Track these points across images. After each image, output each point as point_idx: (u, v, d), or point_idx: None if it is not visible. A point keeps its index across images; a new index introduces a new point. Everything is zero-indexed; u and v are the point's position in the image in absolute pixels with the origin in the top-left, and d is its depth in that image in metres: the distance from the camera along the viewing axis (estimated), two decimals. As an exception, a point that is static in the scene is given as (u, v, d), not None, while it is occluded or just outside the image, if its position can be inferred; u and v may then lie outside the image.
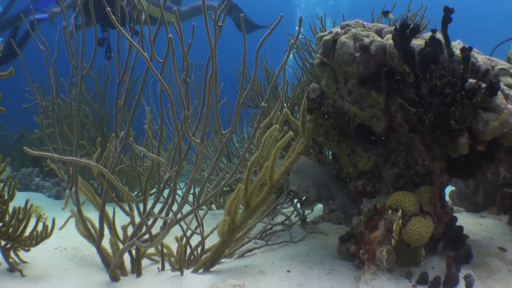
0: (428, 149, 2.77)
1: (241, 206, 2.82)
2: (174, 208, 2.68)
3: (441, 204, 2.80)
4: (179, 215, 2.65)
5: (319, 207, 4.85)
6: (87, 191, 2.96)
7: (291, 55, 5.01)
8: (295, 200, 4.55)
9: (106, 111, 6.72)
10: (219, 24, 2.31)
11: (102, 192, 2.83)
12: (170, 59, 2.26)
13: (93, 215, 3.06)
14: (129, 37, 2.25)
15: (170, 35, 2.23)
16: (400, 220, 2.73)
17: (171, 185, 2.58)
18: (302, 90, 4.41)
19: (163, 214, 2.67)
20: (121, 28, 2.29)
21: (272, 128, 2.80)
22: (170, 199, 2.65)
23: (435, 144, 2.71)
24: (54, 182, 7.26)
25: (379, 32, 3.00)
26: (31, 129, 8.84)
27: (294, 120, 3.20)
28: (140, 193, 5.35)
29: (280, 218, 4.41)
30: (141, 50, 2.22)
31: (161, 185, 2.79)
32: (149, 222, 2.72)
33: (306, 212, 4.55)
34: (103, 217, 2.80)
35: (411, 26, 2.60)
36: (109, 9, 2.19)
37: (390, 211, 2.81)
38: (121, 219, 3.20)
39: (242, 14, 2.55)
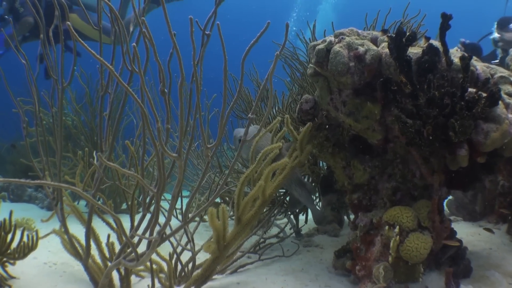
0: (426, 162, 2.68)
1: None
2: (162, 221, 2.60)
3: (440, 219, 2.72)
4: (167, 230, 2.55)
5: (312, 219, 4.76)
6: (73, 209, 2.88)
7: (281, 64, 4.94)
8: (289, 212, 4.45)
9: (96, 120, 6.65)
10: (207, 32, 2.24)
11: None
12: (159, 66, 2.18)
13: (81, 228, 2.97)
14: (99, 59, 2.15)
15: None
16: (398, 236, 2.64)
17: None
18: (294, 100, 4.30)
19: (148, 232, 2.57)
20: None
21: (272, 146, 2.70)
22: (154, 218, 2.56)
23: (433, 156, 2.62)
24: (47, 194, 7.13)
25: (374, 40, 2.91)
26: (22, 139, 8.79)
27: (291, 130, 3.09)
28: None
29: (274, 230, 4.31)
30: (111, 67, 2.12)
31: (147, 202, 2.71)
32: (137, 238, 2.62)
33: (301, 224, 4.45)
34: (89, 235, 2.72)
35: (407, 34, 2.50)
36: (69, 23, 2.10)
37: (387, 227, 2.72)
38: (112, 234, 3.12)
39: None
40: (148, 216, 2.67)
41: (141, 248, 2.64)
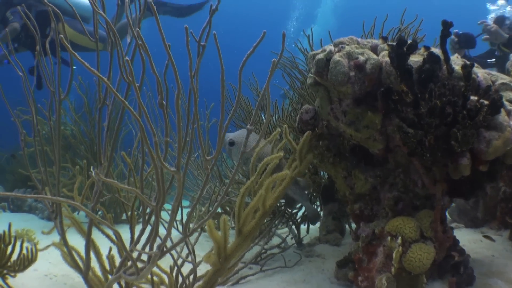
0: (428, 171, 2.66)
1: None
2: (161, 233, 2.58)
3: (442, 229, 2.70)
4: (168, 243, 2.53)
5: (315, 228, 4.73)
6: (73, 221, 2.86)
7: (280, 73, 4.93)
8: (290, 222, 4.43)
9: (96, 131, 6.66)
10: (202, 43, 2.21)
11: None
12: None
13: (81, 239, 2.95)
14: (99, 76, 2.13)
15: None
16: (400, 247, 2.62)
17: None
18: (294, 109, 4.29)
19: (148, 246, 2.55)
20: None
21: (272, 157, 2.68)
22: (153, 233, 2.53)
23: (435, 166, 2.60)
24: (46, 206, 7.12)
25: (374, 49, 2.90)
26: (22, 149, 8.79)
27: (290, 141, 3.08)
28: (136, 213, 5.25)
29: (275, 240, 4.29)
30: (107, 82, 2.10)
31: (147, 214, 2.69)
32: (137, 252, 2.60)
33: (302, 234, 4.43)
34: (89, 248, 2.69)
35: (409, 42, 2.49)
36: (62, 36, 2.08)
37: (389, 238, 2.70)
38: (113, 246, 3.10)
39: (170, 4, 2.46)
40: (148, 228, 2.65)
41: (142, 259, 2.63)
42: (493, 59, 5.93)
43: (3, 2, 7.40)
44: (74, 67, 2.63)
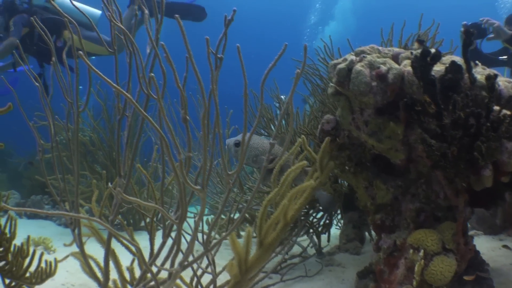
0: (450, 182, 2.63)
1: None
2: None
3: (464, 241, 2.69)
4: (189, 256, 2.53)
5: (335, 234, 4.72)
6: (93, 231, 2.86)
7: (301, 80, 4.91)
8: (311, 231, 4.42)
9: (115, 138, 6.68)
10: (219, 56, 2.19)
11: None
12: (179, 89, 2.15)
13: (100, 247, 2.95)
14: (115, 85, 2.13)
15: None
16: (422, 260, 2.61)
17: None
18: (314, 117, 4.28)
19: (169, 262, 2.54)
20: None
21: (293, 168, 2.67)
22: (175, 249, 2.53)
23: (457, 177, 2.58)
24: (64, 211, 7.11)
25: (396, 57, 2.89)
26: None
27: (309, 150, 3.07)
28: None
29: (295, 249, 4.29)
30: (129, 96, 2.09)
31: (166, 224, 2.69)
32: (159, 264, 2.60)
33: (323, 243, 4.42)
34: (107, 260, 2.68)
35: (432, 53, 2.48)
36: (81, 52, 2.09)
37: (411, 251, 2.70)
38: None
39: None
40: (168, 239, 2.65)
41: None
42: (505, 56, 5.84)
43: (7, 9, 7.44)
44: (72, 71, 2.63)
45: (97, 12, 7.74)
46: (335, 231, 4.75)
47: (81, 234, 2.74)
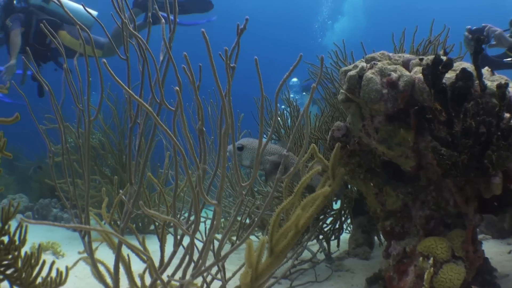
0: (460, 190, 2.65)
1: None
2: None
3: (473, 249, 2.71)
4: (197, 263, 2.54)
5: (344, 239, 4.73)
6: (105, 237, 2.87)
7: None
8: (321, 237, 4.43)
9: (125, 142, 6.69)
10: (232, 65, 2.18)
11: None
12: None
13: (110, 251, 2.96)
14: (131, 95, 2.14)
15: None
16: (432, 268, 2.62)
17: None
18: (325, 122, 4.28)
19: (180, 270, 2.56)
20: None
21: (307, 176, 2.68)
22: (187, 260, 2.54)
23: (467, 185, 2.59)
24: (73, 215, 7.12)
25: (406, 64, 2.91)
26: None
27: (321, 158, 3.08)
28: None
29: (305, 254, 4.29)
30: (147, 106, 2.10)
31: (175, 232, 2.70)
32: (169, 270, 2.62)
33: (332, 248, 4.44)
34: (117, 268, 2.69)
35: (444, 61, 2.48)
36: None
37: (421, 258, 2.71)
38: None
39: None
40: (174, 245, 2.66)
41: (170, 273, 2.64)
42: (510, 59, 5.79)
43: (3, 9, 7.52)
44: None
45: (93, 12, 7.81)
46: (344, 235, 4.75)
47: (91, 242, 2.74)
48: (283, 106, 5.45)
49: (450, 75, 2.61)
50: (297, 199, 2.69)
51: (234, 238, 5.26)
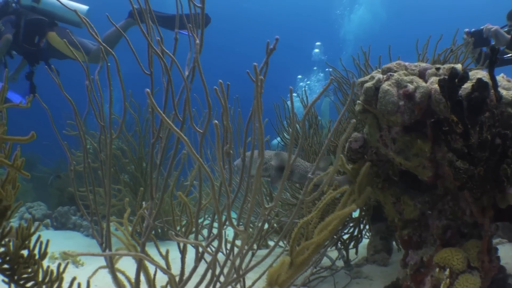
0: (477, 200, 2.68)
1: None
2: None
3: (488, 259, 2.74)
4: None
5: (363, 244, 4.77)
6: (129, 247, 2.89)
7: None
8: (339, 244, 4.47)
9: (146, 150, 6.74)
10: (260, 77, 2.16)
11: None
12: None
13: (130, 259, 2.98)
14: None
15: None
16: (448, 279, 2.66)
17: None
18: (343, 130, 4.31)
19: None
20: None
21: (331, 195, 2.71)
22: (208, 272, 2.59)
23: (483, 195, 2.63)
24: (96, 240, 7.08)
25: (423, 74, 2.94)
26: (66, 164, 8.93)
27: (348, 170, 3.12)
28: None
29: (324, 260, 4.33)
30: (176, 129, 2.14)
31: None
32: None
33: (351, 255, 4.47)
34: (138, 282, 2.73)
35: (460, 74, 2.52)
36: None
37: (437, 269, 2.76)
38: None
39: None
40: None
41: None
42: (510, 55, 5.72)
43: None
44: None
45: (84, 7, 7.86)
46: (363, 240, 4.78)
47: (112, 257, 2.77)
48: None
49: (466, 85, 2.65)
50: (317, 214, 2.73)
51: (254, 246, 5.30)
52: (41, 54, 8.05)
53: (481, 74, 2.81)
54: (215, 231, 2.54)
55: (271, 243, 5.84)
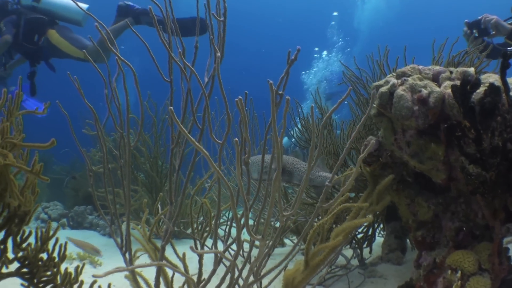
0: (488, 204, 2.74)
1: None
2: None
3: (498, 261, 2.82)
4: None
5: (378, 242, 4.82)
6: (151, 253, 2.93)
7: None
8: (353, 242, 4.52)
9: (161, 149, 6.79)
10: (280, 92, 2.23)
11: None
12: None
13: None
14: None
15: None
16: (459, 281, 2.74)
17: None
18: (359, 136, 4.34)
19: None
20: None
21: (344, 206, 2.76)
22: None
23: (495, 199, 2.69)
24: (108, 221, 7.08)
25: (436, 77, 3.02)
26: (80, 163, 9.00)
27: (366, 172, 3.19)
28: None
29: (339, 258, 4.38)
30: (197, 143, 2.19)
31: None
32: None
33: (365, 254, 4.53)
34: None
35: (472, 81, 2.58)
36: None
37: (449, 271, 2.84)
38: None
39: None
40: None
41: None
42: None
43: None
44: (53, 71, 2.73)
45: (84, 5, 7.96)
46: (377, 238, 4.83)
47: (132, 259, 2.83)
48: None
49: (479, 89, 2.70)
50: (332, 217, 2.79)
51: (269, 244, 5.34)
52: (42, 53, 8.14)
53: (494, 78, 2.86)
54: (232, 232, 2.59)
55: (287, 241, 5.92)
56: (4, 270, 2.43)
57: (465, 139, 2.67)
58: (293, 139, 5.58)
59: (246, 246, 2.89)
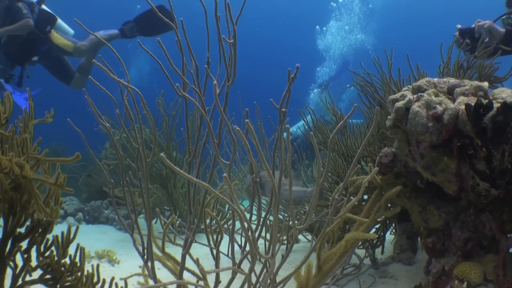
0: (496, 219, 2.92)
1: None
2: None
3: (503, 273, 2.97)
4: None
5: (390, 240, 4.94)
6: (171, 264, 3.04)
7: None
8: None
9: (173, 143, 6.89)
10: (283, 110, 2.36)
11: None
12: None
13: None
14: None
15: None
16: (465, 291, 2.95)
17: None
18: (372, 144, 4.53)
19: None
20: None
21: (348, 216, 2.88)
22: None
23: (503, 215, 2.87)
24: (124, 216, 7.30)
25: (451, 91, 3.19)
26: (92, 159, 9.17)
27: (378, 183, 3.35)
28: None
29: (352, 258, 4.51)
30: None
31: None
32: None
33: (377, 254, 4.68)
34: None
35: (484, 104, 2.73)
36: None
37: (456, 282, 3.03)
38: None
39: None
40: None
41: None
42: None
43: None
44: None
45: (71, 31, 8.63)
46: (389, 237, 4.97)
47: (154, 268, 2.99)
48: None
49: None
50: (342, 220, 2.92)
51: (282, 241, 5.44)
52: (45, 45, 8.30)
53: (507, 93, 3.01)
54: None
55: (301, 237, 6.04)
56: (27, 278, 2.46)
57: (476, 158, 2.84)
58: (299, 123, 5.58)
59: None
